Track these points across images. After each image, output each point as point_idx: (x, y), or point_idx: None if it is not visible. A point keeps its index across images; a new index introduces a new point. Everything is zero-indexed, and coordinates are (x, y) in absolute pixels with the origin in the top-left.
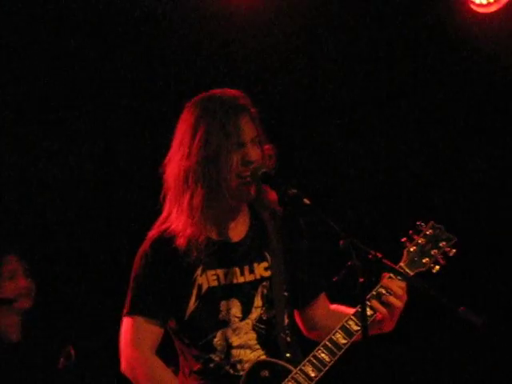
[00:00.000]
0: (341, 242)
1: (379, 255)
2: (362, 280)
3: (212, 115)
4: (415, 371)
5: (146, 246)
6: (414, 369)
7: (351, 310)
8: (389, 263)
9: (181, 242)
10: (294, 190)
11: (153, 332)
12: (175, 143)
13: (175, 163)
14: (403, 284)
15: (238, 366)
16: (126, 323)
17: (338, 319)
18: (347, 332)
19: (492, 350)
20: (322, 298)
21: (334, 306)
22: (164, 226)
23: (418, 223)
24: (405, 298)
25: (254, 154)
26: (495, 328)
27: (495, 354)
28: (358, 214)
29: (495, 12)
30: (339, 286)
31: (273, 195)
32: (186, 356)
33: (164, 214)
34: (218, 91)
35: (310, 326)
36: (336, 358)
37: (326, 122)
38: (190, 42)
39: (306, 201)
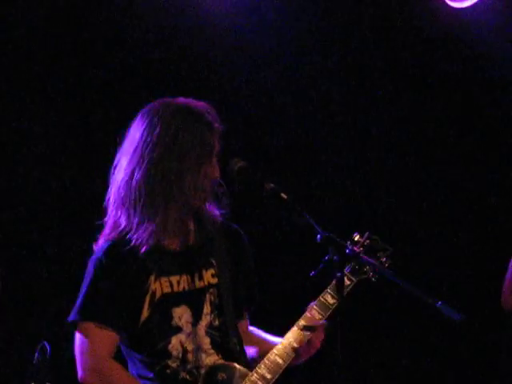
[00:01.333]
0: (318, 237)
1: (357, 250)
2: (339, 274)
3: (185, 123)
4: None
5: (100, 252)
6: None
7: (268, 336)
8: (366, 258)
9: (136, 249)
10: (272, 185)
11: (109, 337)
12: (132, 146)
13: (132, 167)
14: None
15: (195, 372)
16: (81, 331)
17: (250, 341)
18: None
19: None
20: (248, 313)
21: (251, 328)
22: (116, 233)
23: (354, 234)
24: (320, 335)
25: (217, 169)
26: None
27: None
28: None
29: (470, 6)
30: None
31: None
32: (135, 362)
33: (113, 220)
34: (182, 100)
35: None
36: (289, 361)
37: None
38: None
39: (284, 195)
